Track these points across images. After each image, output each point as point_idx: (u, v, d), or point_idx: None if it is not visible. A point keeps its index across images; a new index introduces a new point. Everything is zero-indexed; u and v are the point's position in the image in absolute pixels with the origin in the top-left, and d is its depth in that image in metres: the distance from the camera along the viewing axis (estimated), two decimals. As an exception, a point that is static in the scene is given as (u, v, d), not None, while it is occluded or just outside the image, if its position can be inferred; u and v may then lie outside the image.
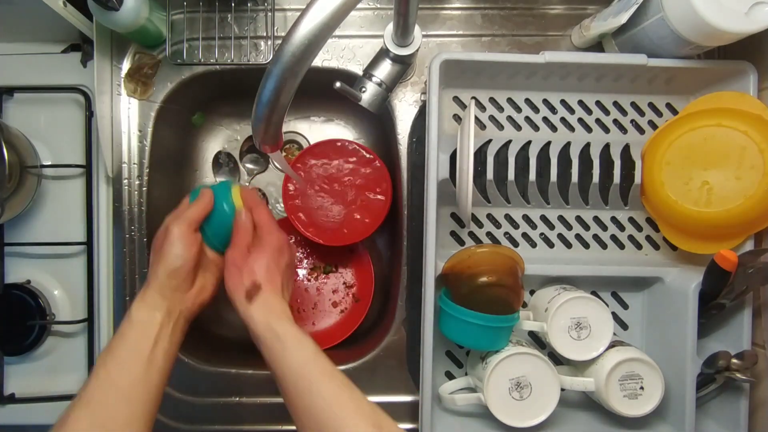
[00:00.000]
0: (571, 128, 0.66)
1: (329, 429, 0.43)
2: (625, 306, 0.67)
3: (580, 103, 0.66)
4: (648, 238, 0.67)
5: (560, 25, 0.69)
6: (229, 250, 0.54)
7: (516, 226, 0.67)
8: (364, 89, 0.63)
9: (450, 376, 0.66)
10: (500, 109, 0.66)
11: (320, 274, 0.80)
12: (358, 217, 0.71)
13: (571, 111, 0.66)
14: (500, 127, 0.66)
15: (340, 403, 0.45)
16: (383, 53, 0.63)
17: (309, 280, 0.79)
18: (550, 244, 0.67)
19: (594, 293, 0.66)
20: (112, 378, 0.47)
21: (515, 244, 0.67)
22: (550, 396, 0.58)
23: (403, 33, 0.58)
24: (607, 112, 0.66)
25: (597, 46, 0.67)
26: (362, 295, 0.78)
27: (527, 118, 0.66)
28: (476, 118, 0.65)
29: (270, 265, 0.53)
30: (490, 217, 0.67)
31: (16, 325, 0.67)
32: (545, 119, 0.66)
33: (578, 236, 0.67)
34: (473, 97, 0.66)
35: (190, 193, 0.57)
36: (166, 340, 0.50)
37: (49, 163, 0.69)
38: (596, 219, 0.67)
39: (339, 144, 0.71)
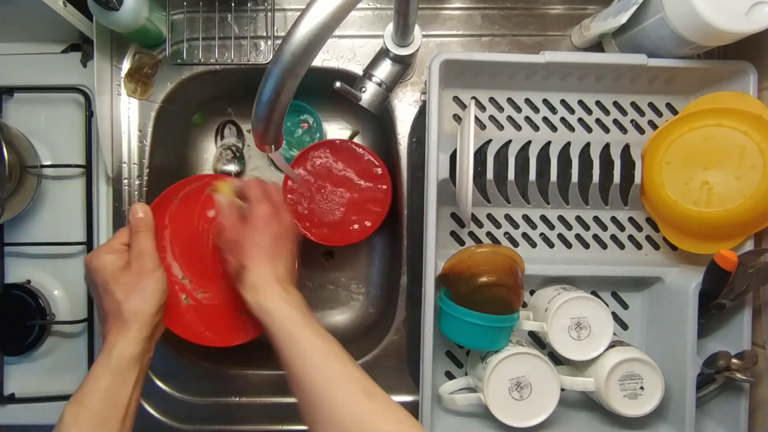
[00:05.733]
0: (571, 128, 0.66)
1: (320, 393, 0.44)
2: (625, 306, 0.67)
3: (580, 103, 0.66)
4: (648, 238, 0.67)
5: (560, 25, 0.69)
6: (220, 237, 0.54)
7: (516, 226, 0.67)
8: (364, 89, 0.63)
9: (450, 376, 0.66)
10: (500, 109, 0.66)
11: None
12: (358, 217, 0.71)
13: (571, 111, 0.66)
14: (500, 127, 0.66)
15: (331, 370, 0.46)
16: (383, 53, 0.63)
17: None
18: (550, 244, 0.67)
19: (594, 293, 0.66)
20: None
21: (515, 244, 0.67)
22: (550, 396, 0.58)
23: (403, 33, 0.58)
24: (607, 112, 0.66)
25: (597, 46, 0.67)
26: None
27: (527, 118, 0.66)
28: (476, 118, 0.65)
29: (255, 239, 0.52)
30: (490, 217, 0.67)
31: (16, 325, 0.67)
32: (545, 119, 0.66)
33: (578, 236, 0.67)
34: (473, 97, 0.66)
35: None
36: (141, 383, 0.50)
37: (49, 163, 0.69)
38: (596, 219, 0.67)
39: (338, 144, 0.71)
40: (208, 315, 0.60)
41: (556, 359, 0.66)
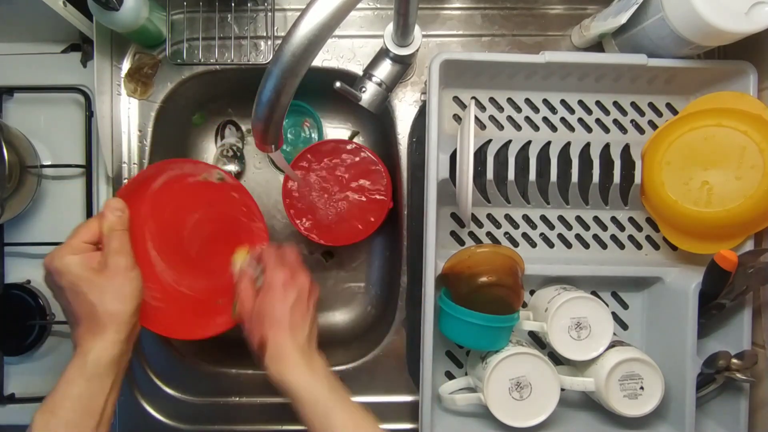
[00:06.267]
0: (571, 128, 0.66)
1: None
2: (625, 306, 0.67)
3: (580, 103, 0.66)
4: (648, 238, 0.67)
5: (560, 25, 0.69)
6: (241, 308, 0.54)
7: (516, 226, 0.67)
8: (364, 89, 0.63)
9: (450, 376, 0.66)
10: (500, 109, 0.66)
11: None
12: (358, 216, 0.71)
13: (571, 111, 0.66)
14: (500, 127, 0.66)
15: None
16: (383, 53, 0.63)
17: None
18: (550, 244, 0.67)
19: (594, 293, 0.66)
20: None
21: (515, 244, 0.67)
22: (550, 396, 0.58)
23: (403, 33, 0.58)
24: (607, 112, 0.66)
25: (597, 46, 0.67)
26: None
27: (527, 118, 0.66)
28: (476, 118, 0.65)
29: (272, 309, 0.51)
30: (490, 217, 0.67)
31: (16, 325, 0.67)
32: (545, 119, 0.66)
33: (578, 236, 0.67)
34: (473, 97, 0.66)
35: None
36: (117, 386, 0.47)
37: (49, 163, 0.69)
38: (596, 219, 0.67)
39: (338, 144, 0.71)
40: (187, 306, 0.59)
41: (556, 359, 0.66)
